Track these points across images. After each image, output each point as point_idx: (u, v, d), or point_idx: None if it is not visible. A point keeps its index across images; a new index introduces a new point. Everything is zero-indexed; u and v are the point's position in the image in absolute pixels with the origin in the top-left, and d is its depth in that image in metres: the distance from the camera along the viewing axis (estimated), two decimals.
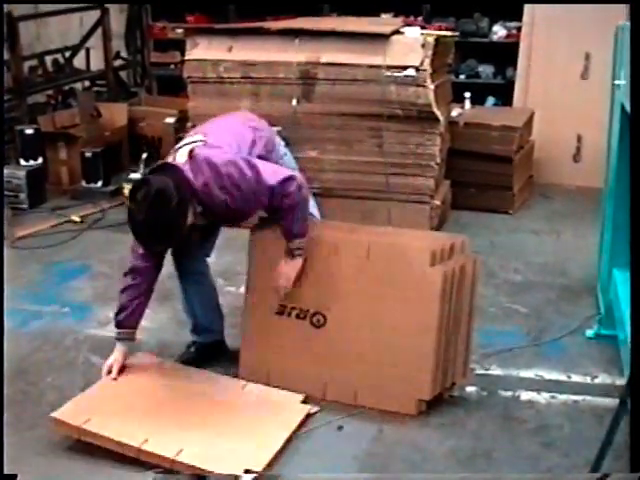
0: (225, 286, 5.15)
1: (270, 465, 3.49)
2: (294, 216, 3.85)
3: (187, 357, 4.36)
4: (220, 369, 4.23)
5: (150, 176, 3.71)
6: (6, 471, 3.04)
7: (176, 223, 3.64)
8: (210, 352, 4.39)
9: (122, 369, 4.01)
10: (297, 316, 4.03)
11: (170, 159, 3.87)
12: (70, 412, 3.71)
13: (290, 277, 3.94)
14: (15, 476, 2.91)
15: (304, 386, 4.00)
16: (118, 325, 4.02)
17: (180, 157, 3.80)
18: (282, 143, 4.32)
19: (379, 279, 3.88)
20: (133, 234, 3.74)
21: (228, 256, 5.35)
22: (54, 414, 3.68)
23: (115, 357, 4.02)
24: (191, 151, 3.78)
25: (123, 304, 3.98)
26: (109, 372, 4.00)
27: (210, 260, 4.36)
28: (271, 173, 3.79)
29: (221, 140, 3.92)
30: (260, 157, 3.95)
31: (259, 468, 3.42)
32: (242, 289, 4.42)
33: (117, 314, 4.02)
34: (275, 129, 4.43)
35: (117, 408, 3.78)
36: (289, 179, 3.79)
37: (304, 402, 3.93)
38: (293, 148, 4.55)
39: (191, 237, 3.87)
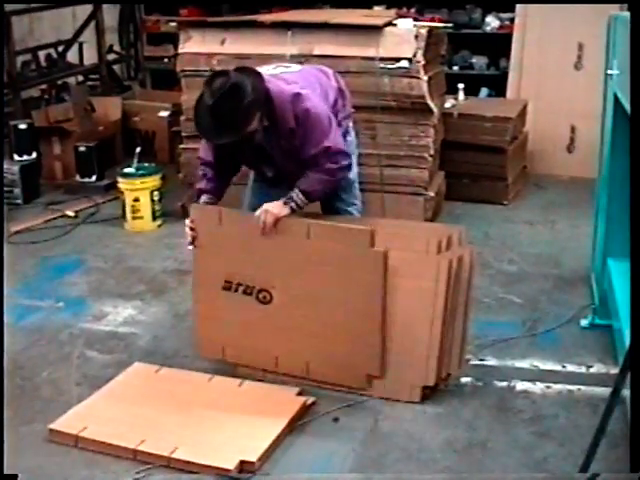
0: None
1: (266, 456, 3.50)
2: (320, 179, 3.92)
3: None
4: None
5: (232, 71, 3.79)
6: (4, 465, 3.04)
7: (240, 119, 3.69)
8: None
9: None
10: (244, 292, 4.05)
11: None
12: (67, 422, 3.73)
13: (271, 213, 3.89)
14: (15, 476, 2.91)
15: (257, 360, 4.09)
16: (201, 190, 4.07)
17: (272, 69, 4.02)
18: (351, 124, 4.40)
19: (320, 259, 3.91)
20: (194, 117, 3.83)
21: None
22: (51, 426, 3.70)
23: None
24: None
25: (206, 174, 4.05)
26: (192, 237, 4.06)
27: None
28: (338, 138, 3.92)
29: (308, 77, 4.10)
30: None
31: (254, 458, 3.44)
32: None
33: (202, 184, 4.08)
34: (352, 110, 4.47)
35: (113, 414, 3.80)
36: (346, 155, 3.94)
37: (299, 394, 3.93)
38: None
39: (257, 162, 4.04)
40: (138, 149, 6.52)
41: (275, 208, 3.89)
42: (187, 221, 4.06)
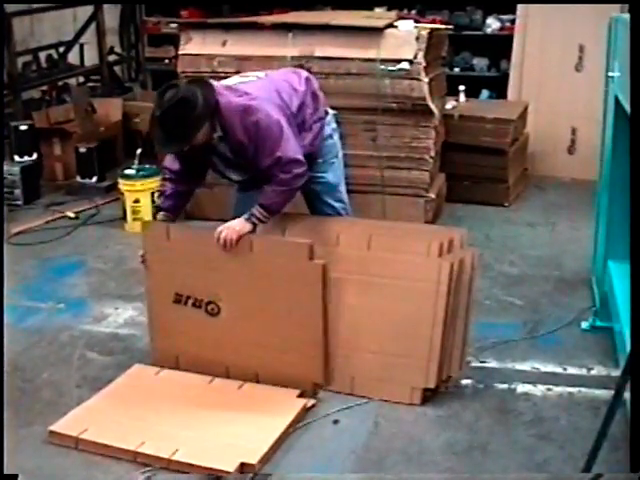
0: None
1: (266, 459, 3.49)
2: (276, 190, 3.94)
3: None
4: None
5: (183, 83, 3.88)
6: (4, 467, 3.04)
7: (186, 130, 3.77)
8: None
9: None
10: (193, 305, 4.12)
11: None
12: (67, 424, 3.73)
13: (233, 229, 3.93)
14: (16, 476, 2.90)
15: (209, 369, 4.12)
16: (159, 208, 4.22)
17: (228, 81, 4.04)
18: (334, 126, 4.39)
19: (263, 272, 3.96)
20: (149, 130, 3.98)
21: None
22: (52, 427, 3.70)
23: None
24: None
25: (165, 191, 4.16)
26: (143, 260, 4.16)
27: None
28: (291, 146, 3.90)
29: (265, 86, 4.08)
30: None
31: (254, 461, 3.43)
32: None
33: (161, 200, 4.25)
34: (332, 112, 4.45)
35: (113, 416, 3.80)
36: (299, 163, 3.91)
37: (300, 396, 3.93)
38: None
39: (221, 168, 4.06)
40: (139, 150, 6.52)
41: (237, 225, 3.95)
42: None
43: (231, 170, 4.11)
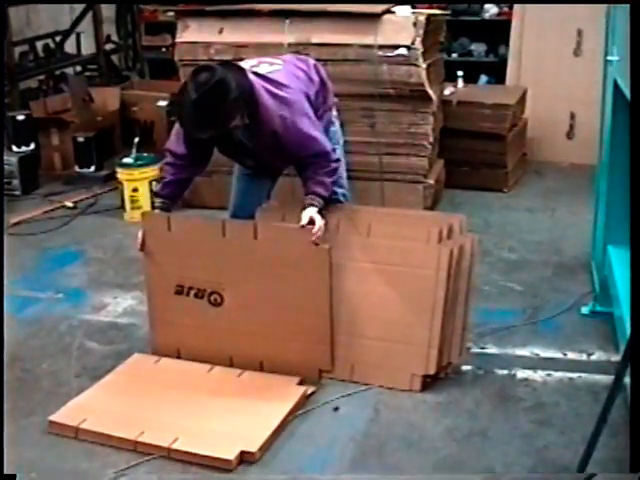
0: None
1: (266, 446, 3.50)
2: (324, 181, 3.95)
3: None
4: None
5: (217, 65, 3.76)
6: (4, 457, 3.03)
7: (223, 115, 3.68)
8: None
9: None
10: (195, 295, 4.11)
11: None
12: (66, 414, 3.73)
13: (320, 226, 3.87)
14: (15, 476, 2.90)
15: (212, 360, 4.10)
16: (157, 194, 4.15)
17: (256, 68, 3.94)
18: (335, 113, 4.40)
19: (268, 259, 3.96)
20: (178, 113, 3.83)
21: None
22: (51, 417, 3.70)
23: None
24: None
25: (162, 176, 4.13)
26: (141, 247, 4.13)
27: None
28: (323, 139, 3.93)
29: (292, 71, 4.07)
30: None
31: (254, 449, 3.43)
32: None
33: (159, 187, 4.16)
34: (335, 100, 4.47)
35: (112, 406, 3.80)
36: (331, 153, 3.97)
37: (300, 384, 3.93)
38: None
39: (239, 153, 4.06)
40: (137, 139, 6.51)
41: (317, 219, 3.89)
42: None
43: (245, 156, 4.10)
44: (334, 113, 4.38)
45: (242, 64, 3.97)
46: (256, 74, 3.89)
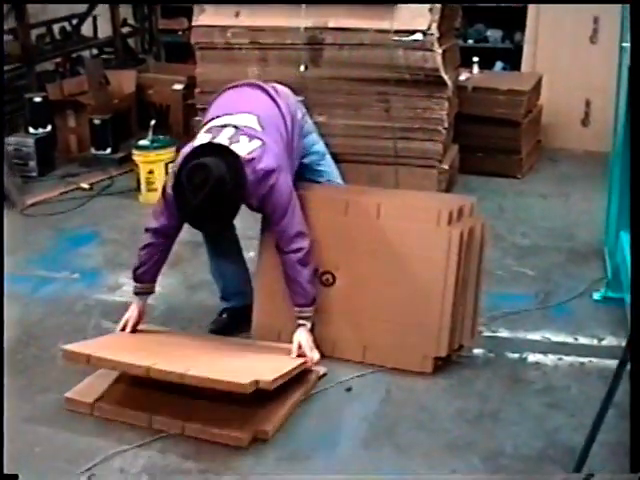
0: None
1: (279, 425, 3.54)
2: (299, 280, 3.89)
3: (219, 324, 4.34)
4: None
5: (208, 160, 3.60)
6: (18, 436, 3.07)
7: (229, 213, 3.73)
8: (242, 317, 4.30)
9: (137, 325, 4.04)
10: None
11: (206, 136, 3.85)
12: (82, 391, 3.77)
13: (312, 348, 3.90)
14: (16, 476, 2.94)
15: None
16: (136, 279, 4.05)
17: (237, 146, 3.76)
18: (304, 110, 4.36)
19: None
20: (182, 215, 3.77)
21: (239, 223, 5.36)
22: (67, 394, 3.73)
23: (131, 312, 4.05)
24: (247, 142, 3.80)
25: (142, 260, 4.01)
26: (124, 328, 4.02)
27: None
28: (297, 219, 3.88)
29: (272, 136, 3.90)
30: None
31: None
32: (251, 253, 4.47)
33: (136, 269, 4.04)
34: (298, 99, 4.45)
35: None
36: (303, 235, 3.89)
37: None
38: None
39: None
40: (153, 122, 6.52)
41: (308, 341, 3.90)
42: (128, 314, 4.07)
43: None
44: (300, 116, 4.24)
45: (221, 136, 3.81)
46: (242, 158, 3.73)
